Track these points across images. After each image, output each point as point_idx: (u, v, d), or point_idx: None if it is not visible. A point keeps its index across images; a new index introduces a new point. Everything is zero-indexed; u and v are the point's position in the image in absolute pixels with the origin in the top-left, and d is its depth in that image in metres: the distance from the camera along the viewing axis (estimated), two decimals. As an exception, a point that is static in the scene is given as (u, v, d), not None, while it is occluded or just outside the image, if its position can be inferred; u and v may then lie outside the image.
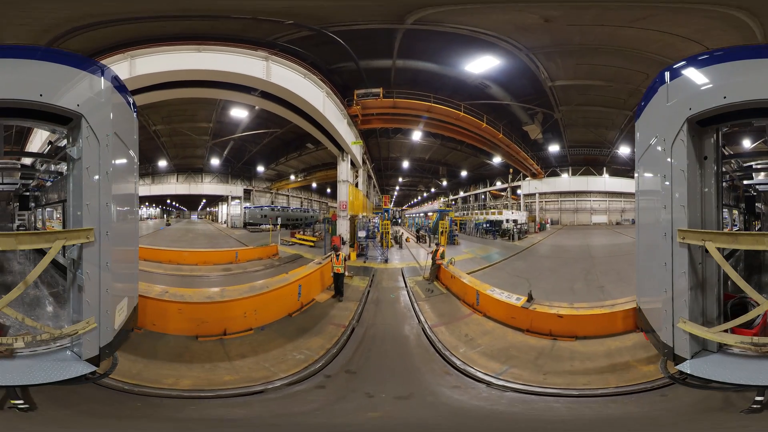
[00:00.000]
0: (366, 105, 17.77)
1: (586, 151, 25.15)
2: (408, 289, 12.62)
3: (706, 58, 5.08)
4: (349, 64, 15.24)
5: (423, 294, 12.10)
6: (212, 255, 17.21)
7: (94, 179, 5.10)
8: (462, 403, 5.96)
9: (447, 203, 30.53)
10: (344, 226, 19.12)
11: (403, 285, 13.50)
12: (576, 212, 28.84)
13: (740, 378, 4.72)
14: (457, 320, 9.59)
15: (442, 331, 8.90)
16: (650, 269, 6.03)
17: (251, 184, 33.08)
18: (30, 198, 8.96)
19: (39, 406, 4.67)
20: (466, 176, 34.23)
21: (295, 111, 14.49)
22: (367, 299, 11.44)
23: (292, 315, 9.46)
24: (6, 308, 4.64)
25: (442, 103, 18.62)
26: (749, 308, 5.15)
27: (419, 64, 16.63)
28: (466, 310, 10.20)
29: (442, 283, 13.05)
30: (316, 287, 11.38)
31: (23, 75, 4.76)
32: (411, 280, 13.92)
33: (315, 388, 6.28)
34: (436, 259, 13.44)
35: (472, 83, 18.07)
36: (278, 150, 28.86)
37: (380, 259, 18.42)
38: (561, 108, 20.03)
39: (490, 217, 29.05)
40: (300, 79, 13.14)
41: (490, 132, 21.15)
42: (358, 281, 13.53)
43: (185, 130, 23.01)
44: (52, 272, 7.30)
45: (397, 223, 47.25)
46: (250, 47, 11.75)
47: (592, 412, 5.46)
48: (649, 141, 5.98)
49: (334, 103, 15.72)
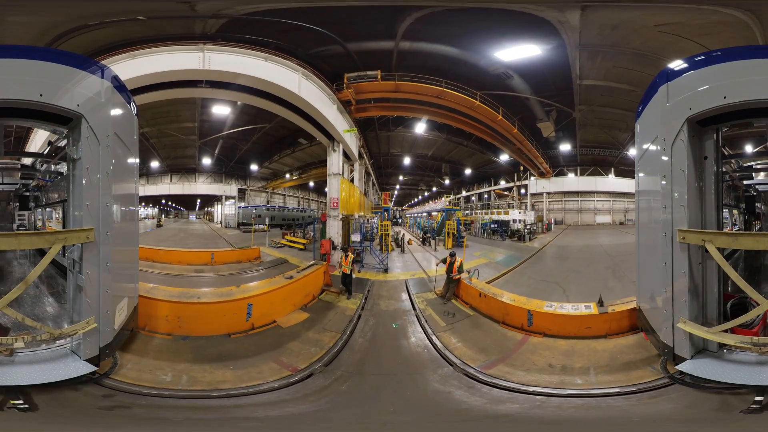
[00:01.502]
0: (360, 89, 15.57)
1: (596, 151, 25.02)
2: (418, 313, 9.51)
3: (706, 58, 5.09)
4: (337, 48, 13.60)
5: (441, 319, 9.06)
6: (188, 255, 16.49)
7: (94, 179, 5.10)
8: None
9: (453, 202, 27.97)
10: (335, 228, 16.32)
11: (409, 305, 10.42)
12: (580, 212, 28.76)
13: (740, 378, 4.72)
14: (513, 351, 7.29)
15: (505, 371, 6.33)
16: (650, 269, 6.03)
17: (246, 184, 32.69)
18: (30, 198, 8.97)
19: (39, 406, 4.66)
20: (470, 175, 33.19)
21: (278, 103, 13.73)
22: (353, 332, 8.25)
23: (231, 335, 7.60)
24: (6, 308, 4.64)
25: (455, 89, 16.52)
26: (749, 308, 5.15)
27: (432, 48, 14.67)
28: (514, 333, 8.10)
29: (462, 300, 10.32)
30: (281, 307, 8.93)
31: (23, 75, 4.76)
32: (420, 298, 10.89)
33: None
34: (452, 274, 10.66)
35: (493, 71, 16.28)
36: (272, 147, 28.18)
37: (378, 267, 15.35)
38: (580, 107, 19.43)
39: (495, 217, 28.21)
40: (260, 62, 12.14)
41: (504, 126, 19.49)
42: (348, 301, 10.49)
43: (171, 130, 22.74)
44: (52, 272, 7.32)
45: (398, 223, 46.99)
46: (187, 42, 11.26)
47: (592, 412, 5.45)
48: (649, 141, 5.99)
49: (318, 87, 14.25)
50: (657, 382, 5.57)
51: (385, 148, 28.98)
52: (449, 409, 5.40)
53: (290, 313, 9.07)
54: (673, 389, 5.38)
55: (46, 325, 5.16)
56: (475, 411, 5.26)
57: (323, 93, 14.69)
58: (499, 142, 22.23)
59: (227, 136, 24.51)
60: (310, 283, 10.34)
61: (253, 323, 8.07)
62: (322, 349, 7.25)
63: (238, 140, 26.12)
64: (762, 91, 4.64)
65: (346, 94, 15.36)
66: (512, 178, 30.41)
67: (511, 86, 17.84)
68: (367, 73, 15.16)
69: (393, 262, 17.18)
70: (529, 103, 19.75)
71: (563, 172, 27.77)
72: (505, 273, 14.46)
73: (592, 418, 5.23)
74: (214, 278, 13.55)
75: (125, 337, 6.24)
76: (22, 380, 4.60)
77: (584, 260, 16.80)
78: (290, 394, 5.67)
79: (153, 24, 10.57)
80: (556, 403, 5.36)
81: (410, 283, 12.73)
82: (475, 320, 9.10)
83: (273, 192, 35.26)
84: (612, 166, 26.56)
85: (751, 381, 4.67)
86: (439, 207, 32.73)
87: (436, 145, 27.84)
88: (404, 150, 29.63)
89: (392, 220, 28.11)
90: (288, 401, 5.47)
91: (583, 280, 13.21)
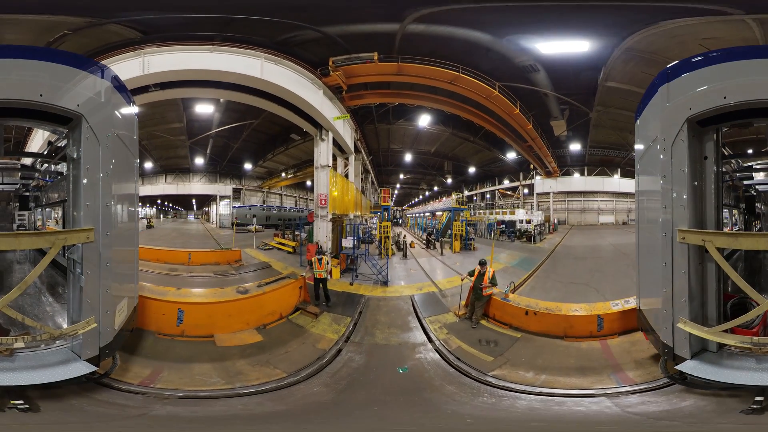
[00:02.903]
0: (352, 72, 13.69)
1: (604, 152, 24.84)
2: (438, 345, 7.15)
3: (706, 58, 5.08)
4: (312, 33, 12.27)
5: (480, 351, 6.88)
6: (166, 254, 16.08)
7: (94, 179, 5.10)
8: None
9: (460, 200, 25.46)
10: (324, 230, 14.01)
11: (421, 335, 7.85)
12: (583, 212, 28.70)
13: (740, 378, 4.72)
14: (623, 360, 6.30)
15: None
16: (650, 269, 6.02)
17: (241, 183, 32.31)
18: (30, 198, 8.96)
19: (39, 407, 4.66)
20: (474, 173, 32.22)
21: (257, 95, 12.95)
22: (317, 374, 5.85)
23: (158, 335, 7.24)
24: (6, 308, 4.64)
25: (471, 75, 14.81)
26: (749, 308, 5.15)
27: (451, 32, 12.92)
28: (588, 343, 7.24)
29: (496, 320, 8.55)
30: (225, 322, 7.78)
31: (23, 75, 4.76)
32: (435, 323, 8.43)
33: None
34: (483, 288, 8.56)
35: (519, 63, 14.98)
36: (265, 145, 27.49)
37: (376, 278, 12.67)
38: (598, 108, 18.93)
39: (501, 217, 27.59)
40: (204, 55, 11.42)
41: (519, 120, 18.03)
42: (326, 326, 8.11)
43: (160, 132, 22.63)
44: (52, 272, 7.32)
45: (398, 223, 46.72)
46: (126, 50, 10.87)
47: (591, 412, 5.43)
48: (649, 141, 5.98)
49: (293, 71, 12.95)
50: (657, 382, 5.53)
51: (384, 143, 27.28)
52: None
53: (238, 332, 7.70)
54: (672, 389, 5.39)
55: (46, 325, 5.16)
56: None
57: (302, 77, 13.24)
58: (510, 138, 21.14)
59: (216, 134, 24.16)
60: (273, 301, 8.60)
61: (184, 330, 7.45)
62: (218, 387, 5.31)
63: (228, 139, 25.76)
64: (762, 91, 4.64)
65: (334, 78, 13.54)
66: (517, 177, 29.95)
67: (533, 80, 16.46)
68: (359, 55, 13.19)
69: (394, 271, 14.73)
70: (547, 100, 18.80)
71: (569, 172, 27.55)
72: (527, 278, 13.46)
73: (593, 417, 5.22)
74: (177, 278, 12.96)
75: (125, 337, 6.24)
76: (22, 380, 4.59)
77: (602, 260, 16.49)
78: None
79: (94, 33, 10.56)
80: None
81: (418, 301, 10.17)
82: (528, 342, 7.44)
83: (269, 191, 34.85)
84: (618, 167, 26.44)
85: (751, 381, 4.67)
86: (440, 206, 31.87)
87: (440, 140, 26.45)
88: (405, 145, 27.94)
89: (393, 220, 27.40)
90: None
91: (610, 279, 12.75)
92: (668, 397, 5.31)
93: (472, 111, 18.27)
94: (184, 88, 12.51)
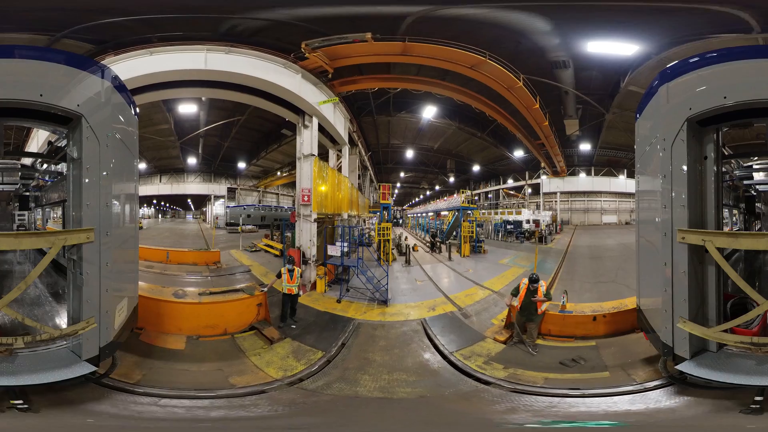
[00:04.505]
0: (336, 53, 11.85)
1: (612, 152, 24.76)
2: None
3: (706, 58, 5.08)
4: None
5: (586, 375, 5.78)
6: (146, 252, 15.80)
7: (94, 179, 5.09)
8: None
9: (470, 198, 23.95)
10: (308, 233, 11.97)
11: (453, 388, 5.79)
12: (586, 212, 28.67)
13: (740, 378, 4.72)
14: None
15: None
16: (650, 269, 6.02)
17: (236, 182, 32.06)
18: (30, 198, 8.96)
19: (39, 407, 4.66)
20: (478, 172, 31.03)
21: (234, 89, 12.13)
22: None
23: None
24: (6, 308, 4.64)
25: (498, 63, 13.28)
26: (749, 308, 5.15)
27: (494, 15, 11.11)
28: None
29: (553, 336, 7.67)
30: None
31: (23, 75, 4.75)
32: (476, 360, 6.57)
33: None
34: (538, 304, 7.42)
35: (553, 56, 14.14)
36: (258, 144, 26.81)
37: (372, 295, 10.44)
38: (614, 110, 18.47)
39: (508, 217, 27.08)
40: (146, 58, 10.58)
41: (536, 116, 16.85)
42: (278, 357, 6.65)
43: (149, 134, 22.48)
44: (52, 272, 7.32)
45: (398, 224, 46.33)
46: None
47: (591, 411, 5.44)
48: (649, 141, 5.99)
49: (255, 57, 11.56)
50: (657, 382, 5.55)
51: (384, 138, 25.44)
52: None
53: (168, 334, 7.00)
54: (672, 389, 5.39)
55: (46, 325, 5.16)
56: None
57: (272, 63, 12.03)
58: (522, 134, 20.06)
59: (206, 133, 23.94)
60: (215, 314, 7.90)
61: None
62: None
63: (219, 137, 25.50)
64: (762, 91, 4.64)
65: (314, 60, 11.93)
66: (522, 176, 29.47)
67: (558, 76, 15.40)
68: (343, 36, 11.49)
69: (396, 282, 12.33)
70: (566, 98, 17.82)
71: (575, 172, 27.36)
72: (551, 280, 12.85)
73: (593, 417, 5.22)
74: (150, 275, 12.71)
75: (125, 337, 6.24)
76: (22, 381, 4.58)
77: (619, 258, 16.11)
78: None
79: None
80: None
81: (432, 326, 7.72)
82: (611, 346, 6.88)
83: (265, 191, 34.49)
84: (625, 168, 26.38)
85: (751, 381, 4.67)
86: (443, 205, 31.15)
87: (444, 135, 24.56)
88: (407, 141, 26.18)
89: (393, 221, 26.83)
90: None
91: (635, 275, 12.56)
92: (668, 397, 5.32)
93: (487, 102, 16.68)
94: (156, 92, 11.67)
